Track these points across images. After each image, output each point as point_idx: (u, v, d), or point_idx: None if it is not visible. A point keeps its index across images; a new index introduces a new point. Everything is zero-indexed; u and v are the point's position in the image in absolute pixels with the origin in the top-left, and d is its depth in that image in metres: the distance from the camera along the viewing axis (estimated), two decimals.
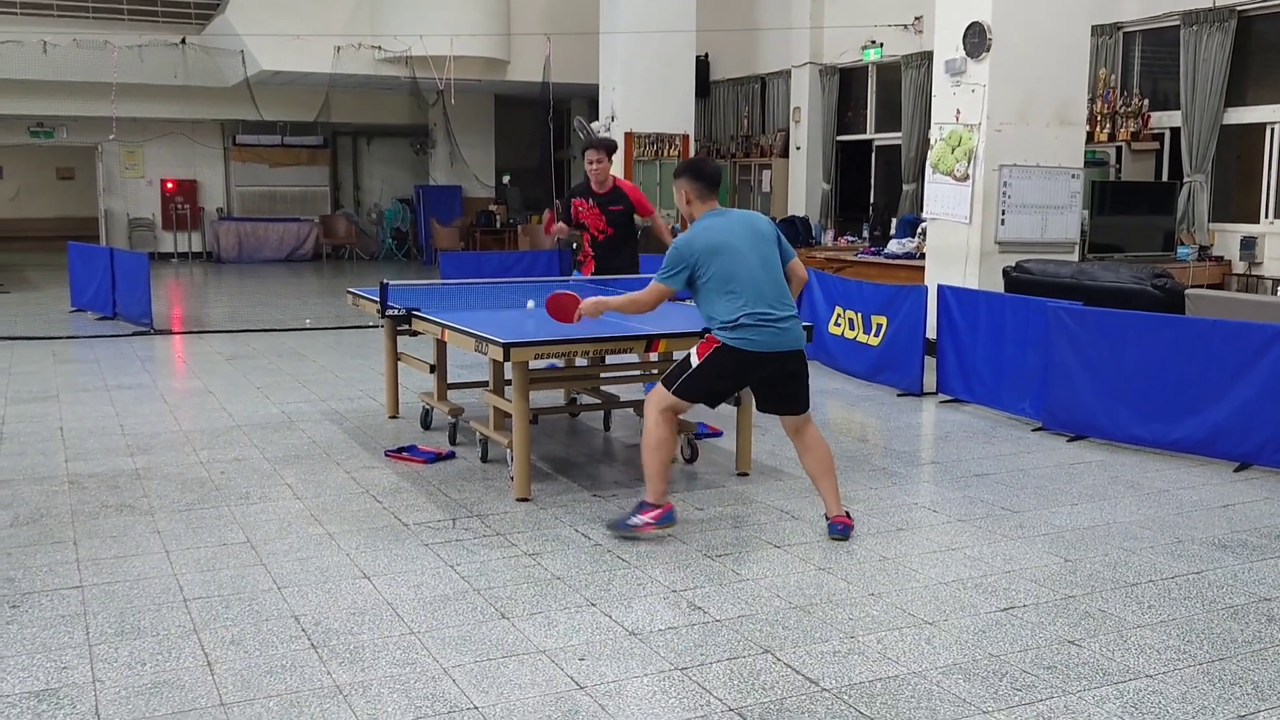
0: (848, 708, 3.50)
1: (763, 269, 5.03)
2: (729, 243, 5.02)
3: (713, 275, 5.00)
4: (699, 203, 5.21)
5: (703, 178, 5.23)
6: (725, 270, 4.99)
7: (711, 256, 5.00)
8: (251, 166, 23.09)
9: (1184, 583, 4.64)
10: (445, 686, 3.63)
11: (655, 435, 5.12)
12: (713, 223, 5.12)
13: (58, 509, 5.56)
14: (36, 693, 3.57)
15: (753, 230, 5.13)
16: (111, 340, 11.41)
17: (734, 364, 5.04)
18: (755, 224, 5.19)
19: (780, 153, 16.51)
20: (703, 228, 5.11)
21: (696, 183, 5.21)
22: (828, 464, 5.26)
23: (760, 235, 5.13)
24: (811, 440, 5.28)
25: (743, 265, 5.00)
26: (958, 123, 9.67)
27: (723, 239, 5.03)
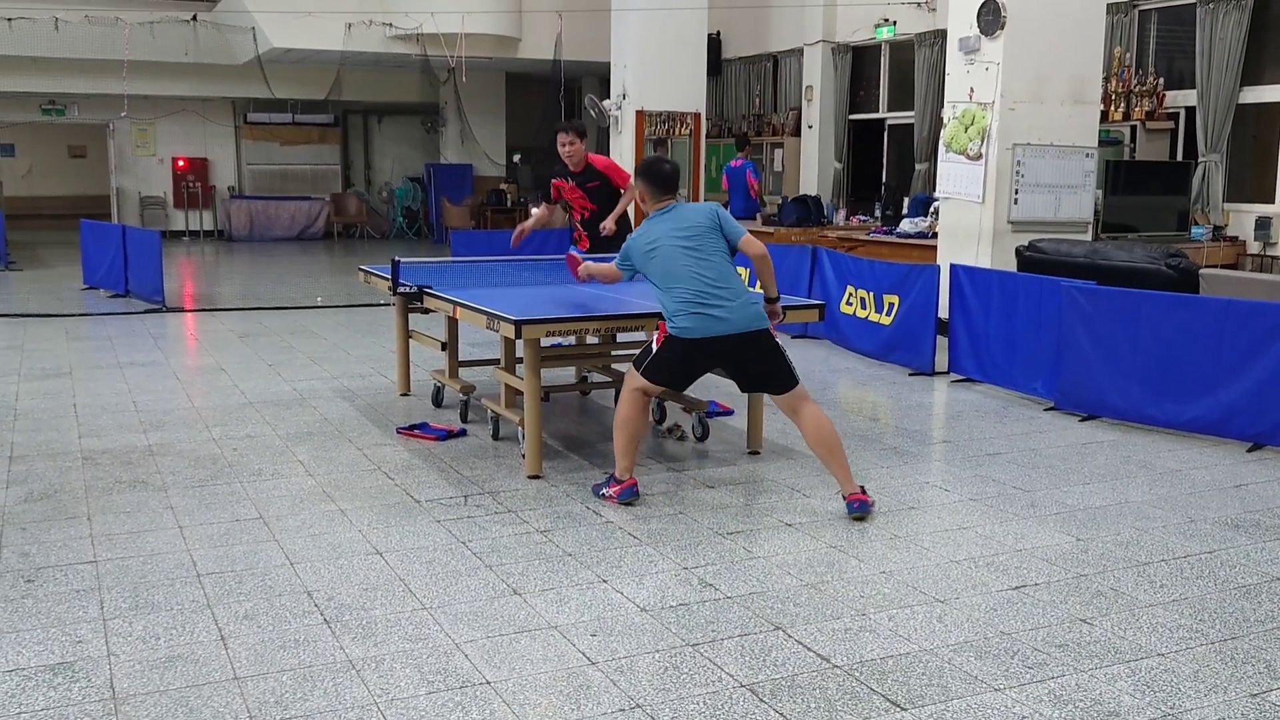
0: (859, 684, 3.51)
1: (698, 262, 5.19)
2: (662, 244, 5.26)
3: (652, 271, 5.31)
4: (651, 202, 5.46)
5: (654, 180, 5.45)
6: (661, 269, 5.26)
7: (648, 259, 5.32)
8: (263, 145, 23.08)
9: (1196, 562, 4.64)
10: (457, 661, 3.65)
11: (621, 413, 5.39)
12: (651, 225, 5.38)
13: (71, 485, 5.59)
14: (51, 666, 3.60)
15: (688, 226, 5.29)
16: (124, 318, 11.44)
17: (679, 351, 5.25)
18: (692, 218, 5.32)
19: (792, 131, 16.45)
20: (642, 230, 5.43)
21: (648, 184, 5.46)
22: (832, 442, 5.27)
23: (697, 229, 5.27)
24: (811, 419, 5.32)
25: (676, 262, 5.21)
26: (971, 101, 9.62)
27: (656, 241, 5.29)
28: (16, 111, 21.56)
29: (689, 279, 5.17)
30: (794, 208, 13.59)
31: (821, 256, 10.15)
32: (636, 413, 5.37)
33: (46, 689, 3.44)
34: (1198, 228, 10.66)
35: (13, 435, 6.56)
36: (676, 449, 6.41)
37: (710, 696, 3.42)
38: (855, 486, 5.22)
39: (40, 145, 26.05)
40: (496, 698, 3.40)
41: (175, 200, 22.53)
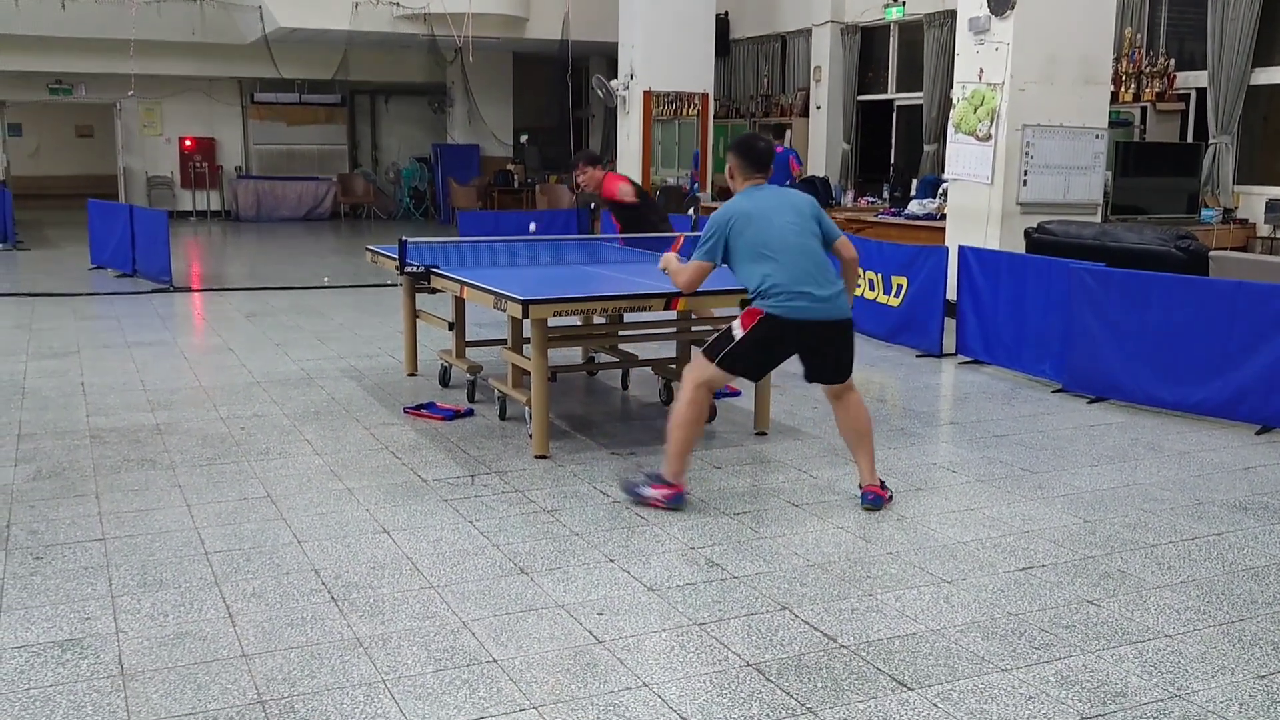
0: (866, 664, 3.51)
1: (798, 240, 4.94)
2: (763, 212, 4.97)
3: (746, 241, 4.93)
4: (740, 179, 5.15)
5: (749, 156, 5.16)
6: (759, 237, 4.92)
7: (745, 223, 4.95)
8: (269, 125, 23.05)
9: (1204, 544, 4.63)
10: (465, 640, 3.65)
11: (684, 413, 4.98)
12: (744, 200, 5.06)
13: (80, 463, 5.60)
14: (61, 642, 3.61)
15: (789, 205, 5.05)
16: (131, 297, 11.45)
17: (772, 332, 4.92)
18: (795, 201, 5.10)
19: (800, 112, 16.37)
20: (739, 198, 5.09)
21: (742, 159, 5.15)
22: (866, 431, 5.15)
23: (797, 211, 5.02)
24: (852, 406, 5.17)
25: (776, 233, 4.92)
26: (980, 82, 9.57)
27: (757, 208, 4.99)
28: (23, 91, 21.56)
29: (797, 255, 4.89)
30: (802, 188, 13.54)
31: None
32: (699, 413, 5.03)
33: (55, 665, 3.46)
34: (1208, 210, 10.60)
35: (21, 414, 6.57)
36: None
37: (717, 675, 3.43)
38: (876, 479, 5.12)
39: (47, 125, 26.04)
40: (503, 676, 3.41)
41: (182, 180, 22.54)
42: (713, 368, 4.99)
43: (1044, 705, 3.26)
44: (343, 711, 3.19)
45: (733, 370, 5.07)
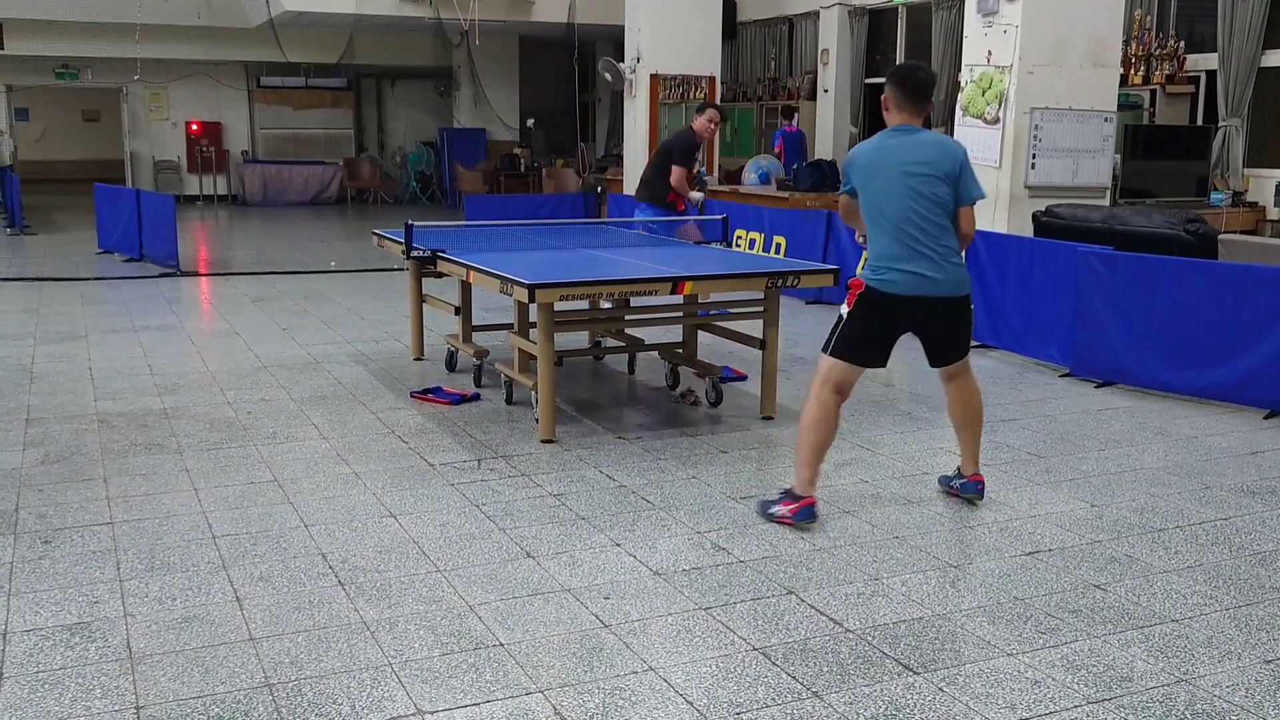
0: (871, 649, 3.51)
1: (911, 205, 4.48)
2: (890, 166, 4.53)
3: (868, 195, 4.59)
4: (895, 112, 4.66)
5: (908, 86, 4.64)
6: (876, 198, 4.55)
7: (867, 179, 4.59)
8: (275, 109, 23.04)
9: (1211, 529, 4.62)
10: (471, 623, 3.66)
11: (808, 414, 4.64)
12: (886, 143, 4.62)
13: (87, 447, 5.62)
14: (69, 626, 3.63)
15: (923, 160, 4.52)
16: (138, 282, 11.46)
17: (877, 310, 4.57)
18: (931, 154, 4.55)
19: (808, 95, 16.31)
20: (874, 144, 4.67)
21: (900, 90, 4.63)
22: (977, 417, 4.88)
23: (931, 169, 4.51)
24: (966, 389, 4.86)
25: (892, 194, 4.51)
26: (989, 65, 9.52)
27: (884, 163, 4.56)
28: (30, 75, 21.56)
29: (904, 220, 4.48)
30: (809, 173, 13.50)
31: (837, 221, 10.09)
32: (827, 415, 4.61)
33: (64, 648, 3.47)
34: (1217, 193, 10.56)
35: (29, 398, 6.59)
36: (690, 414, 6.40)
37: (723, 660, 3.43)
38: (977, 468, 4.88)
39: (54, 109, 26.04)
40: (510, 659, 3.42)
41: (189, 164, 22.54)
42: (827, 359, 4.65)
43: (1050, 690, 3.26)
44: (350, 695, 3.20)
45: (847, 356, 4.63)
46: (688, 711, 3.12)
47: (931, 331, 4.75)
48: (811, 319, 9.53)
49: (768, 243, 10.90)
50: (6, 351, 7.90)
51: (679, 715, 3.10)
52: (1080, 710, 3.14)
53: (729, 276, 6.27)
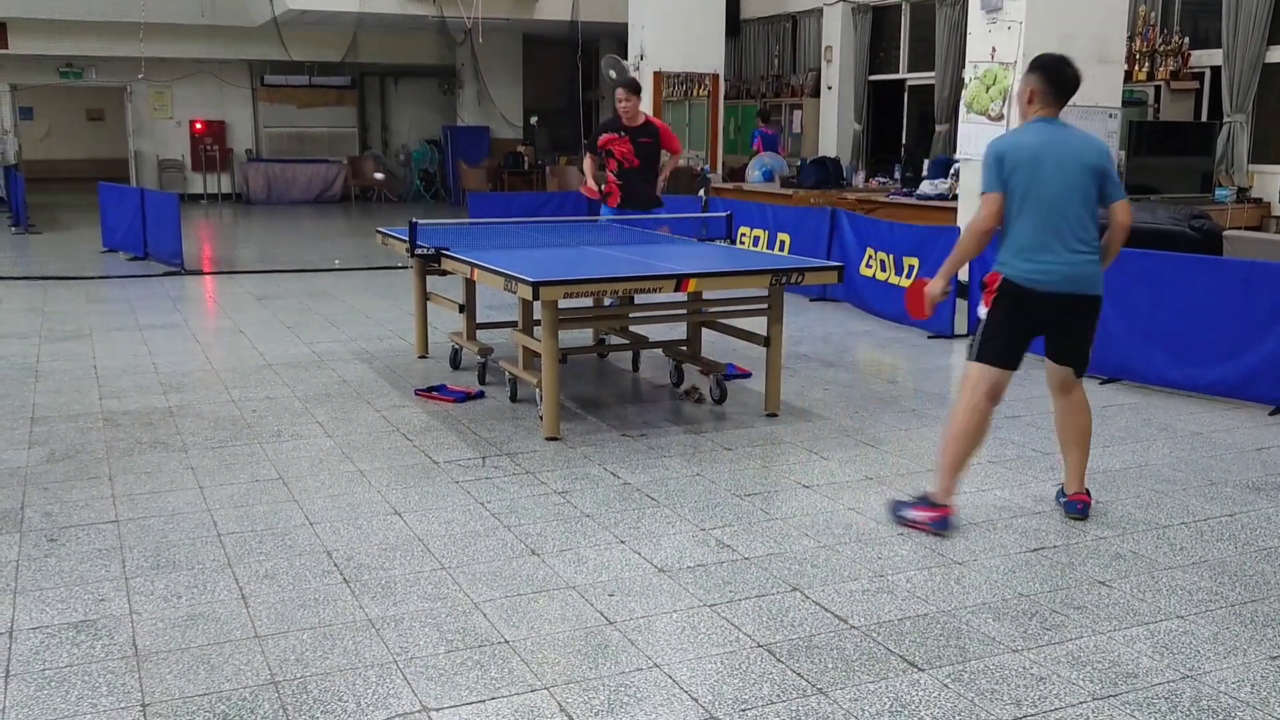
0: (876, 645, 3.51)
1: (1060, 196, 4.40)
2: (1038, 158, 4.41)
3: (1015, 185, 4.43)
4: (1039, 105, 4.53)
5: (1057, 80, 4.51)
6: (1025, 190, 4.41)
7: (1015, 170, 4.42)
8: (279, 107, 23.05)
9: (1216, 525, 4.61)
10: (476, 620, 3.67)
11: (960, 423, 4.54)
12: (1030, 133, 4.51)
13: (93, 445, 5.63)
14: (75, 624, 3.63)
15: (1072, 153, 4.44)
16: (143, 280, 11.48)
17: (1018, 301, 4.47)
18: (1079, 147, 4.48)
19: (811, 92, 16.31)
20: (1022, 137, 4.52)
21: (1045, 82, 4.51)
22: (1085, 434, 4.72)
23: (1079, 161, 4.43)
24: (1076, 404, 4.72)
25: (1044, 191, 4.40)
26: (993, 61, 9.51)
27: (1037, 154, 4.43)
28: (34, 74, 21.59)
29: (1055, 213, 4.39)
30: (813, 169, 13.50)
31: (841, 219, 10.09)
32: (981, 423, 4.52)
33: (70, 646, 3.48)
34: (1222, 189, 10.53)
35: (34, 396, 6.60)
36: (694, 411, 6.40)
37: (728, 656, 3.43)
38: (1083, 487, 4.72)
39: (58, 108, 26.06)
40: (515, 656, 3.42)
41: (193, 163, 22.55)
42: (977, 366, 4.56)
43: (1055, 686, 3.26)
44: (355, 692, 3.20)
45: (994, 359, 4.53)
46: (693, 708, 3.12)
47: (1065, 331, 4.61)
48: (816, 316, 9.53)
49: (771, 240, 10.89)
50: (12, 350, 7.92)
51: (684, 712, 3.11)
52: (1085, 706, 3.14)
53: (733, 273, 6.26)
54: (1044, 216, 4.40)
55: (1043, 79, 4.52)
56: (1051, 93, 4.51)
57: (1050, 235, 4.41)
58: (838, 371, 7.45)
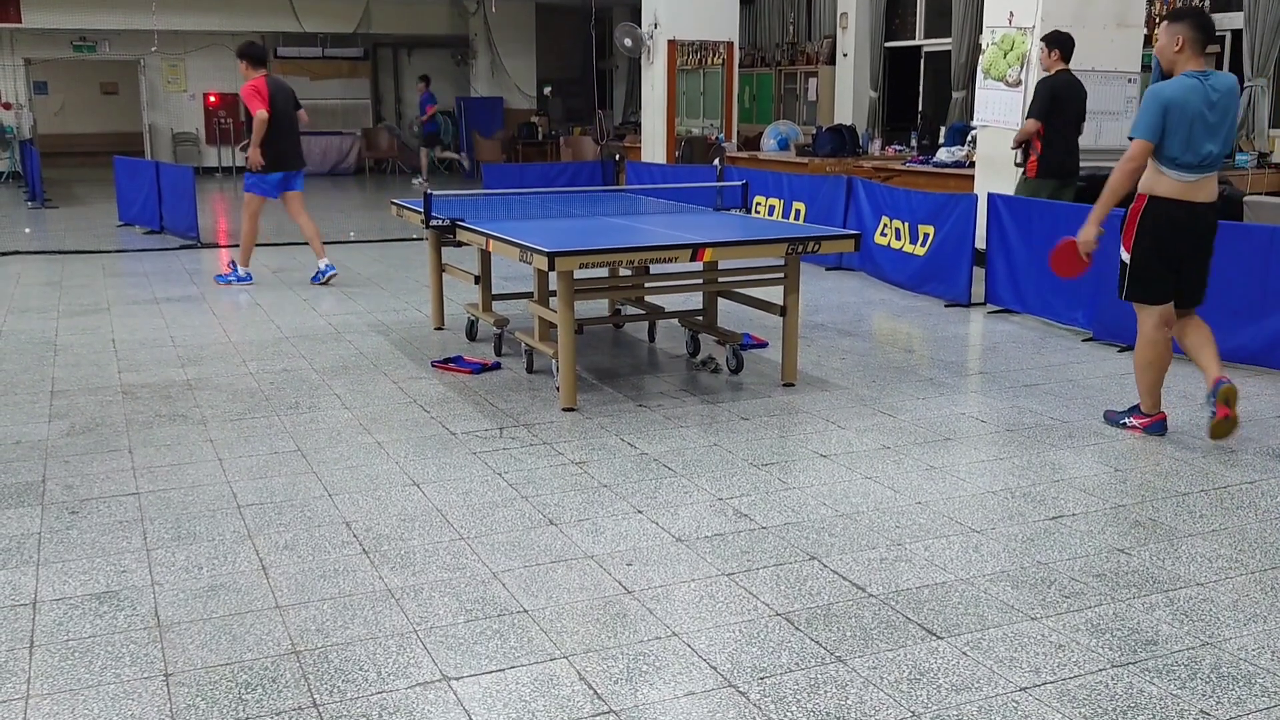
0: (895, 613, 3.51)
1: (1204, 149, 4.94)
2: (1195, 112, 4.90)
3: (1170, 136, 4.91)
4: (1189, 55, 5.00)
5: (1206, 29, 5.04)
6: (1176, 137, 4.91)
7: (1178, 123, 4.90)
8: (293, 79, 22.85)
9: (1236, 492, 4.59)
10: (495, 590, 3.68)
11: (1139, 356, 5.28)
12: (1193, 83, 4.95)
13: (112, 418, 5.66)
14: (98, 594, 3.66)
15: (1228, 109, 5.01)
16: (159, 254, 11.51)
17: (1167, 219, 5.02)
18: (1232, 102, 5.04)
19: (827, 60, 16.20)
20: (1187, 85, 4.94)
21: (1197, 31, 5.00)
22: (1210, 336, 5.26)
23: (1227, 116, 5.01)
24: (1197, 322, 5.29)
25: (1192, 141, 4.92)
26: (1010, 26, 9.42)
27: (1194, 105, 4.90)
28: (48, 48, 21.57)
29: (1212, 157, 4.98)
30: (829, 137, 13.43)
31: (857, 187, 10.04)
32: (1156, 353, 5.19)
33: (93, 617, 3.51)
34: (1242, 154, 10.44)
35: (54, 370, 6.63)
36: (711, 381, 6.40)
37: (746, 625, 3.44)
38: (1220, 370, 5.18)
39: (72, 82, 26.05)
40: (534, 625, 3.44)
41: (207, 136, 22.53)
42: (1143, 308, 5.19)
43: (1074, 654, 3.26)
44: (376, 661, 3.22)
45: (1146, 295, 5.15)
46: (711, 676, 3.13)
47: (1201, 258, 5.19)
48: (832, 285, 9.50)
49: (787, 209, 10.85)
50: (31, 324, 7.96)
51: (703, 680, 3.12)
52: (1105, 674, 3.14)
53: (749, 242, 6.24)
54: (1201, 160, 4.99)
55: (1193, 28, 4.98)
56: (1203, 40, 5.01)
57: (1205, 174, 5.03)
58: (854, 341, 7.43)
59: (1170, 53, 5.03)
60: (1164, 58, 5.08)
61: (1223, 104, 4.96)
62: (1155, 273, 5.11)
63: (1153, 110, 4.90)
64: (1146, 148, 4.94)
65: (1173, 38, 4.99)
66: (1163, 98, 4.90)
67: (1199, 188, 5.03)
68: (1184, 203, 5.01)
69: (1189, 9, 5.11)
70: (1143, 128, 4.92)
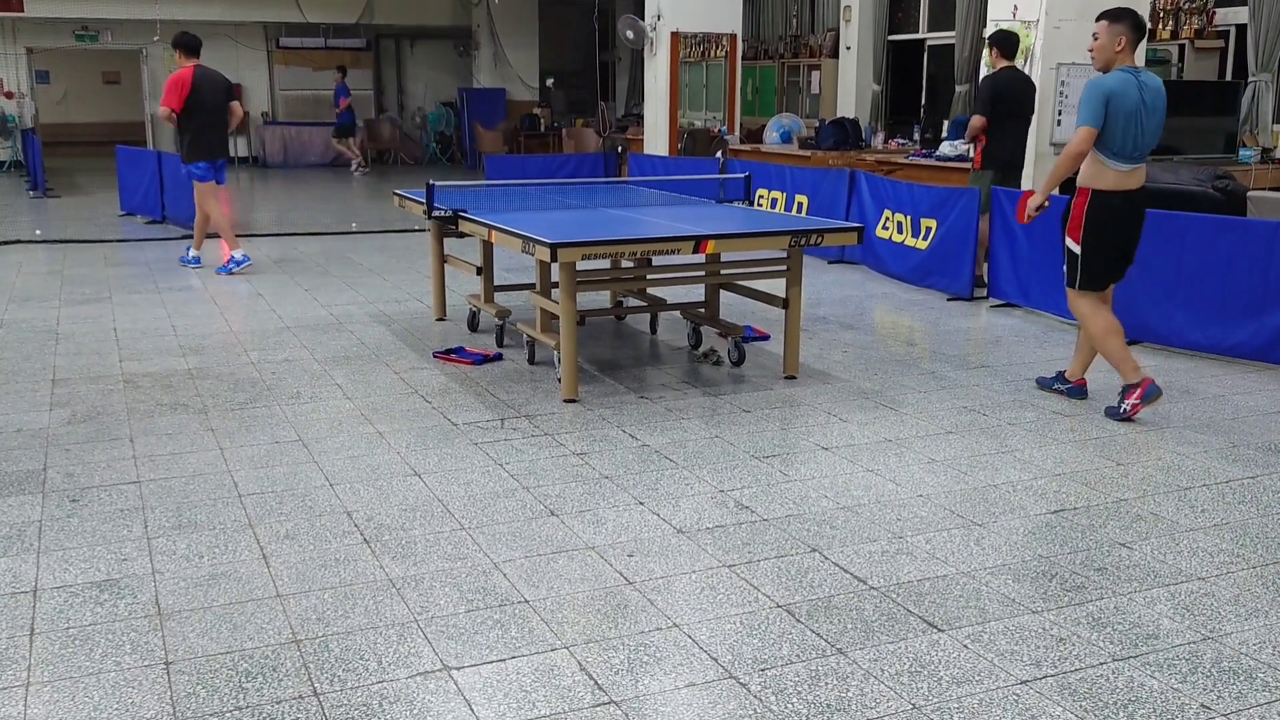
0: (896, 606, 3.51)
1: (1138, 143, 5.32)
2: (1138, 113, 5.28)
3: (1111, 128, 5.26)
4: (1127, 53, 5.37)
5: (1140, 30, 5.42)
6: (1125, 134, 5.27)
7: (1118, 116, 5.25)
8: (295, 70, 22.94)
9: (1238, 487, 4.59)
10: (496, 580, 3.68)
11: (1095, 329, 5.51)
12: (1133, 79, 5.31)
13: (114, 407, 5.65)
14: (98, 583, 3.66)
15: (1161, 107, 5.38)
16: (161, 243, 11.50)
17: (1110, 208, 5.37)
18: (1162, 102, 5.39)
19: (830, 53, 16.16)
20: (1125, 79, 5.30)
21: (1135, 34, 5.37)
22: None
23: (1158, 115, 5.38)
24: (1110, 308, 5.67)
25: (1129, 133, 5.28)
26: (1014, 20, 9.39)
27: (1138, 106, 5.28)
28: (50, 37, 21.54)
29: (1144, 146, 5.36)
30: (831, 130, 13.40)
31: (859, 180, 10.02)
32: (1109, 318, 5.52)
33: (94, 605, 3.51)
34: (1246, 150, 10.41)
35: (55, 359, 6.63)
36: (713, 374, 6.39)
37: (747, 616, 3.44)
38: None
39: (74, 72, 25.99)
40: (535, 615, 3.43)
41: None
42: (1077, 295, 5.53)
43: (1075, 647, 3.25)
44: (376, 651, 3.22)
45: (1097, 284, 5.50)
46: (712, 667, 3.13)
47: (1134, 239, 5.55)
48: (834, 278, 9.49)
49: (790, 201, 10.83)
50: (32, 313, 7.95)
51: (703, 671, 3.12)
52: (1106, 667, 3.14)
53: (752, 235, 6.23)
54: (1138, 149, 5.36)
55: (1134, 30, 5.35)
56: (1137, 40, 5.38)
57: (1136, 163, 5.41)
58: (856, 334, 7.42)
59: (1111, 51, 5.37)
60: (1104, 55, 5.40)
61: (1153, 101, 5.33)
62: (1107, 261, 5.49)
63: (1097, 100, 5.25)
64: (1092, 134, 5.27)
65: (1115, 37, 5.35)
66: (1105, 89, 5.26)
67: (1133, 177, 5.41)
68: (1121, 192, 5.40)
69: (1127, 9, 5.43)
70: (1089, 116, 5.26)
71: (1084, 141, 5.29)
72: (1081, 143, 5.29)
